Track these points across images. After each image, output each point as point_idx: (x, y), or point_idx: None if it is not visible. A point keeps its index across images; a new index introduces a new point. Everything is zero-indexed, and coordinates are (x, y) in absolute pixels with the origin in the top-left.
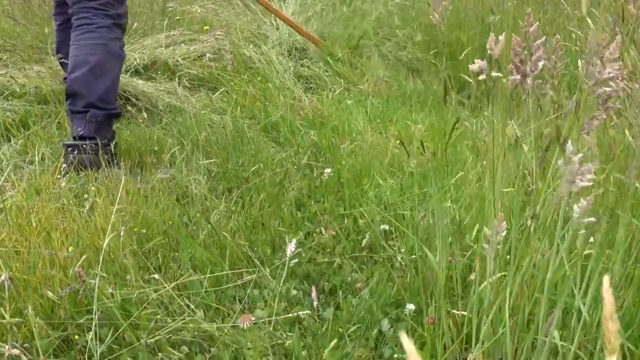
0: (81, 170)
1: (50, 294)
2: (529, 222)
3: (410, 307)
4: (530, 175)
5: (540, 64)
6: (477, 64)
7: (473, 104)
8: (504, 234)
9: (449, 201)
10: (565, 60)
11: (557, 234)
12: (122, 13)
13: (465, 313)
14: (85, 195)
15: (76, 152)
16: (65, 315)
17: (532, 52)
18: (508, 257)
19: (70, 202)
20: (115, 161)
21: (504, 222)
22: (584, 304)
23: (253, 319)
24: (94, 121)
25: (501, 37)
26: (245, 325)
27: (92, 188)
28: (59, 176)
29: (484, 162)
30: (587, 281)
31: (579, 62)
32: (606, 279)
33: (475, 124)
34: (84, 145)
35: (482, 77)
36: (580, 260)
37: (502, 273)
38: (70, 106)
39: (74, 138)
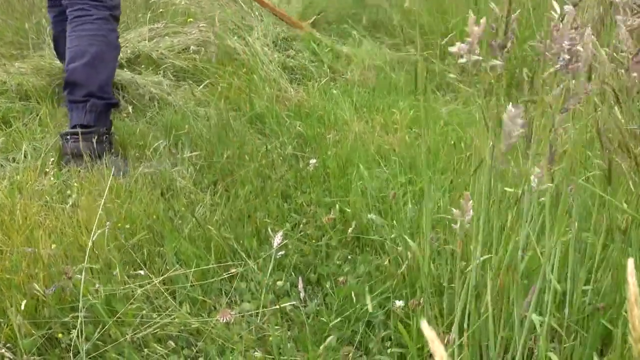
0: (81, 158)
1: (35, 289)
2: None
3: (399, 303)
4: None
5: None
6: (457, 46)
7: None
8: (471, 213)
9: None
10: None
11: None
12: (117, 4)
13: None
14: (69, 192)
15: (75, 141)
16: (49, 314)
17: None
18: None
19: (53, 198)
20: (113, 151)
21: (471, 201)
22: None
23: (233, 313)
24: (94, 110)
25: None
26: (224, 320)
27: (75, 184)
28: (62, 164)
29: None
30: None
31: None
32: (630, 262)
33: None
34: (84, 134)
35: (462, 60)
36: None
37: (487, 255)
38: (69, 95)
39: (74, 127)
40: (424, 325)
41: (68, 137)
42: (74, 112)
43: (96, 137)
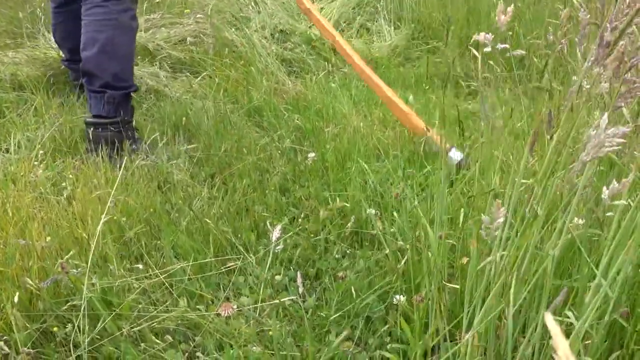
0: (104, 147)
1: (28, 284)
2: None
3: (400, 297)
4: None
5: None
6: (482, 35)
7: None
8: (501, 220)
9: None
10: None
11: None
12: None
13: (457, 286)
14: (64, 184)
15: (100, 129)
16: (44, 307)
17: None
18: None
19: (48, 190)
20: (137, 137)
21: (502, 209)
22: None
23: (235, 307)
24: (112, 102)
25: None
26: (226, 314)
27: (70, 176)
28: (85, 155)
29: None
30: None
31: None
32: None
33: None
34: (106, 123)
35: (487, 49)
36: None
37: (502, 253)
38: (87, 85)
39: (94, 116)
40: (549, 318)
41: (92, 126)
42: (93, 101)
43: (119, 126)
